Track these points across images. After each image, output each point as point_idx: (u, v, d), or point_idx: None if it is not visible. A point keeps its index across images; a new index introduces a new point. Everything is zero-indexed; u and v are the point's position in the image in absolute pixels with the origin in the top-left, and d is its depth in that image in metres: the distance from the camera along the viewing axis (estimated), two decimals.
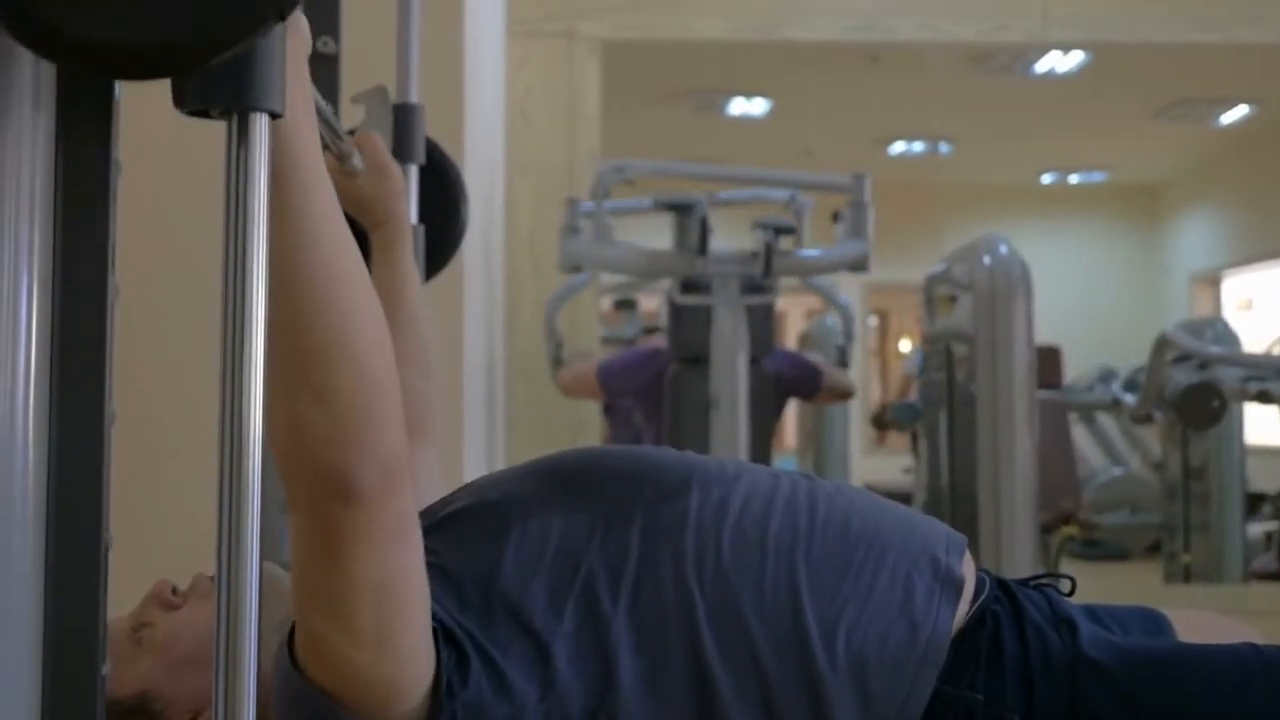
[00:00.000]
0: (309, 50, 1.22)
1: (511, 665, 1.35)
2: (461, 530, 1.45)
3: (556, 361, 5.50)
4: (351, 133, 2.03)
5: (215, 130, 0.89)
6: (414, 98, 2.16)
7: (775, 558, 1.41)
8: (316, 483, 1.15)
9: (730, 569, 1.40)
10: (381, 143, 1.91)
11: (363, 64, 2.09)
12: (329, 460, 1.17)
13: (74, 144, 0.86)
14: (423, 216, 2.13)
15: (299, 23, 1.16)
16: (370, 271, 1.89)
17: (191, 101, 0.84)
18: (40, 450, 0.84)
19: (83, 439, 0.88)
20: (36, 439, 0.84)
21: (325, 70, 1.96)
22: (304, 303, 1.16)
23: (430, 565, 1.35)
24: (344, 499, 1.19)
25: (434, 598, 1.33)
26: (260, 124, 0.87)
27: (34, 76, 0.83)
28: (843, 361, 5.98)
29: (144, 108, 1.09)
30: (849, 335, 6.05)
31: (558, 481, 1.50)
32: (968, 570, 1.48)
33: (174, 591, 1.50)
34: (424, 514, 1.52)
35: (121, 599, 1.13)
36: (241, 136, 0.87)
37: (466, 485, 1.57)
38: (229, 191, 0.87)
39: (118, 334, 0.91)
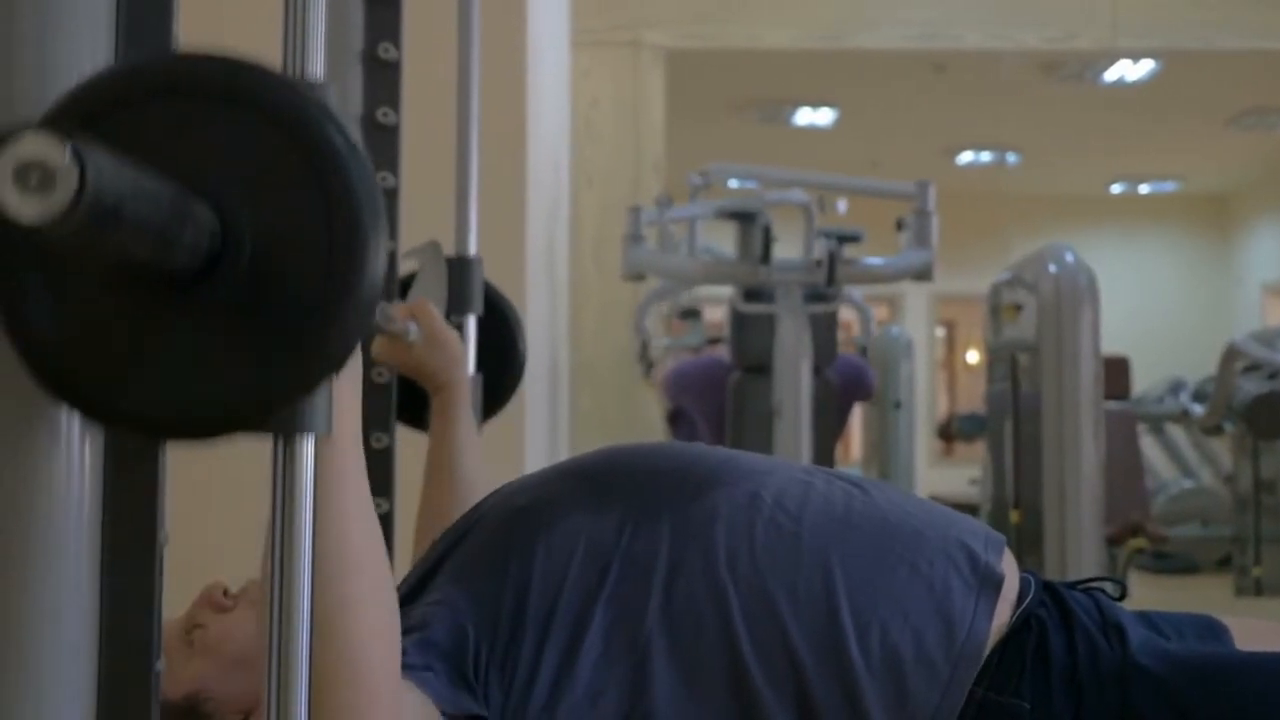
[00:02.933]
0: (359, 368, 1.22)
1: (541, 679, 1.35)
2: (491, 544, 1.45)
3: (642, 358, 5.66)
4: (406, 285, 2.03)
5: None
6: (472, 250, 2.12)
7: (809, 553, 1.40)
8: None
9: (763, 564, 1.39)
10: (436, 312, 1.90)
11: (423, 129, 2.07)
12: None
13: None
14: (481, 359, 2.08)
15: None
16: (429, 431, 1.91)
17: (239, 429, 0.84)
18: (96, 450, 0.86)
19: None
20: (93, 439, 0.85)
21: (386, 141, 1.96)
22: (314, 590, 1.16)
23: (464, 590, 1.37)
24: None
25: (465, 634, 1.34)
26: (306, 446, 0.87)
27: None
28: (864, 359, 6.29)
29: None
30: (868, 334, 6.46)
31: (585, 482, 1.50)
32: (1008, 569, 1.46)
33: (225, 593, 1.51)
34: (451, 529, 1.53)
35: (174, 601, 1.14)
36: (288, 456, 0.87)
37: (495, 491, 1.57)
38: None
39: None
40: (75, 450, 0.84)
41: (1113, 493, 4.71)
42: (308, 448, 0.87)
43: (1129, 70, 7.76)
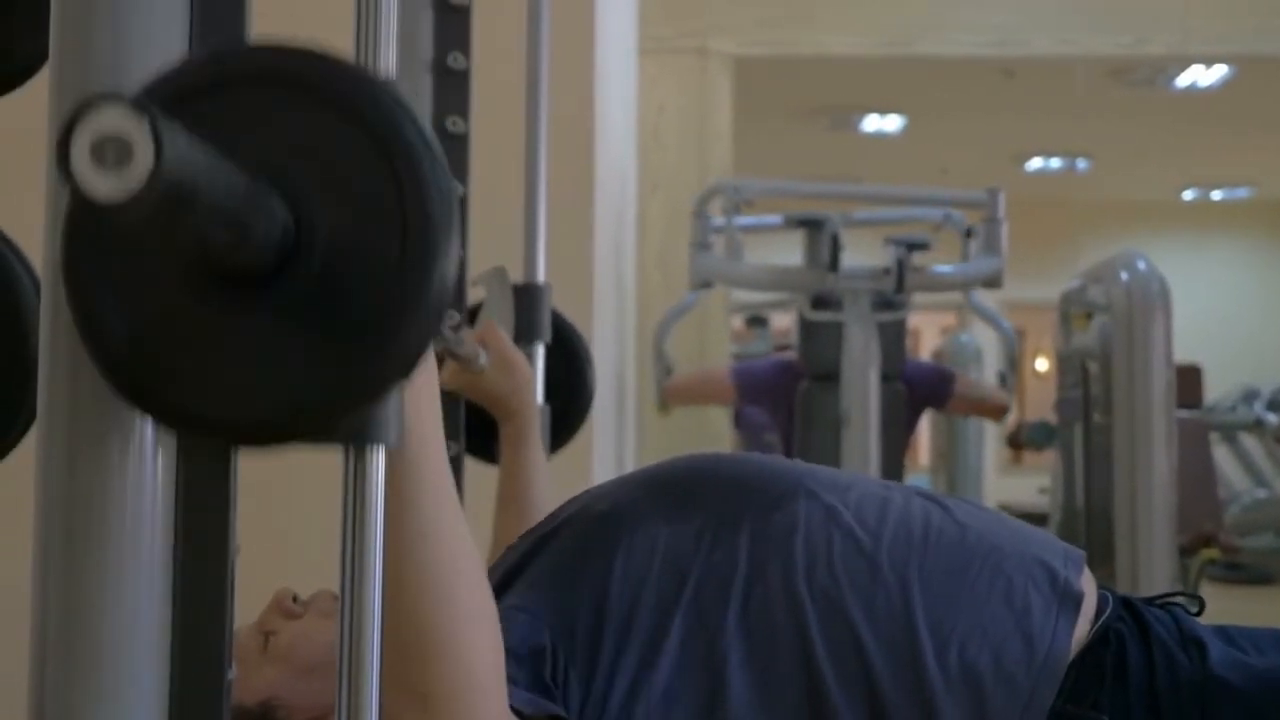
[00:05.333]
0: (434, 374, 1.22)
1: (618, 686, 1.35)
2: (571, 550, 1.45)
3: (661, 386, 5.32)
4: (474, 313, 2.02)
5: None
6: (540, 277, 2.10)
7: (888, 567, 1.40)
8: None
9: (841, 578, 1.38)
10: (504, 336, 1.89)
11: (490, 138, 2.07)
12: None
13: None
14: (549, 389, 2.07)
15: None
16: (499, 461, 1.90)
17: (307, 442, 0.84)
18: (169, 454, 0.86)
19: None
20: (165, 443, 0.86)
21: (455, 149, 1.97)
22: (410, 599, 1.15)
23: (544, 597, 1.37)
24: None
25: (543, 641, 1.34)
26: (376, 456, 0.87)
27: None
28: (1004, 388, 5.56)
29: None
30: (1011, 360, 5.62)
31: (664, 491, 1.50)
32: (1087, 585, 1.45)
33: (294, 599, 1.52)
34: (530, 533, 1.53)
35: (245, 608, 1.15)
36: (358, 467, 0.87)
37: (574, 498, 1.57)
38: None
39: None
40: (148, 454, 0.84)
41: (1185, 502, 4.66)
42: (378, 459, 0.87)
43: (1201, 76, 7.69)
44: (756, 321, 7.56)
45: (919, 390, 5.03)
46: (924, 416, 5.96)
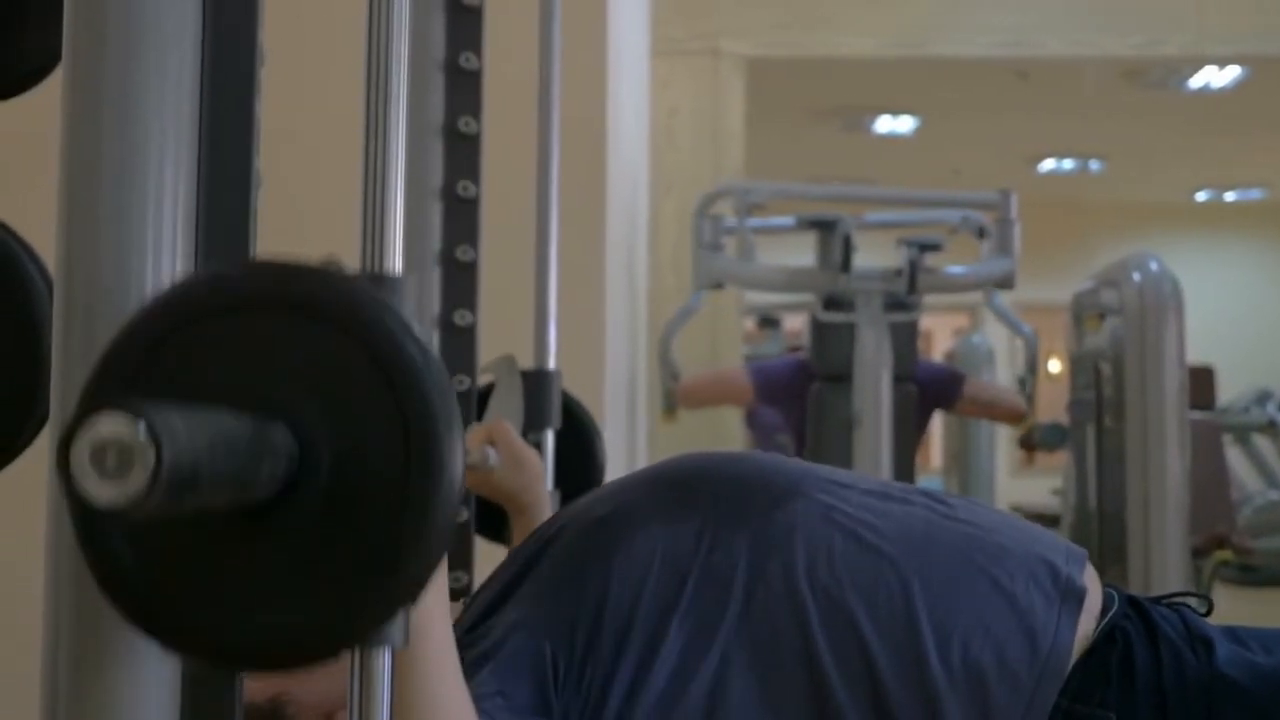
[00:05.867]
0: (444, 575, 1.24)
1: (617, 691, 1.35)
2: (570, 555, 1.45)
3: (668, 395, 5.19)
4: (483, 399, 2.00)
5: None
6: (551, 363, 2.07)
7: (889, 566, 1.40)
8: None
9: (843, 576, 1.38)
10: (514, 433, 1.88)
11: (501, 138, 2.07)
12: None
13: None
14: (559, 470, 2.04)
15: None
16: (508, 545, 1.90)
17: None
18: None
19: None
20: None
21: (467, 150, 1.97)
22: None
23: (543, 607, 1.38)
24: None
25: (542, 656, 1.35)
26: (382, 659, 0.87)
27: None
28: (1026, 396, 5.29)
29: None
30: (1032, 366, 5.35)
31: (664, 492, 1.50)
32: (1090, 582, 1.45)
33: None
34: (529, 539, 1.53)
35: None
36: (364, 668, 0.87)
37: (576, 502, 1.58)
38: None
39: None
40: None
41: (1197, 504, 4.65)
42: (384, 660, 0.87)
43: (1215, 77, 7.67)
44: (769, 323, 7.56)
45: (929, 390, 5.01)
46: (937, 418, 5.94)
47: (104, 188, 0.85)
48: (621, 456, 3.89)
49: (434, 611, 1.20)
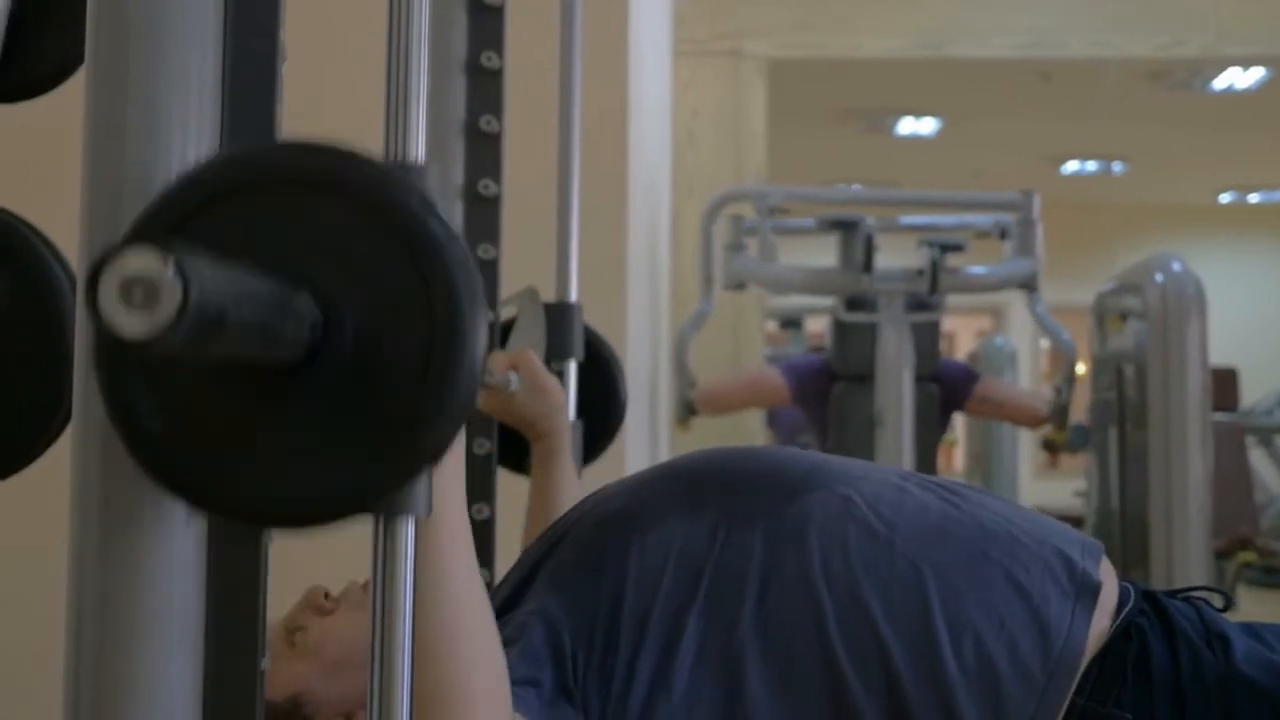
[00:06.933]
0: (461, 450, 1.24)
1: (638, 685, 1.35)
2: (585, 548, 1.45)
3: (686, 402, 5.06)
4: (505, 330, 2.03)
5: None
6: (573, 296, 2.10)
7: (903, 558, 1.39)
8: None
9: (858, 569, 1.38)
10: (536, 360, 1.90)
11: (524, 140, 2.08)
12: None
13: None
14: (582, 404, 2.07)
15: None
16: (530, 477, 1.91)
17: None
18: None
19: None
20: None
21: (489, 150, 1.97)
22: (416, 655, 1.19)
23: (560, 596, 1.38)
24: None
25: (562, 643, 1.35)
26: (405, 527, 0.89)
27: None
28: (1061, 404, 4.97)
29: None
30: (1069, 376, 4.99)
31: (678, 485, 1.50)
32: (1106, 576, 1.44)
33: (326, 596, 1.53)
34: (543, 536, 1.54)
35: (276, 605, 1.16)
36: (388, 536, 0.88)
37: (589, 496, 1.58)
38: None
39: None
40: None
41: (1220, 506, 4.64)
42: (408, 529, 0.89)
43: (1239, 78, 7.64)
44: (791, 324, 7.55)
45: (946, 388, 4.99)
46: (960, 419, 5.91)
47: (126, 188, 0.85)
48: (644, 460, 3.89)
49: (450, 496, 1.20)
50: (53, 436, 1.27)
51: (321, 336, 0.79)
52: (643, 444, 3.90)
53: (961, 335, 12.51)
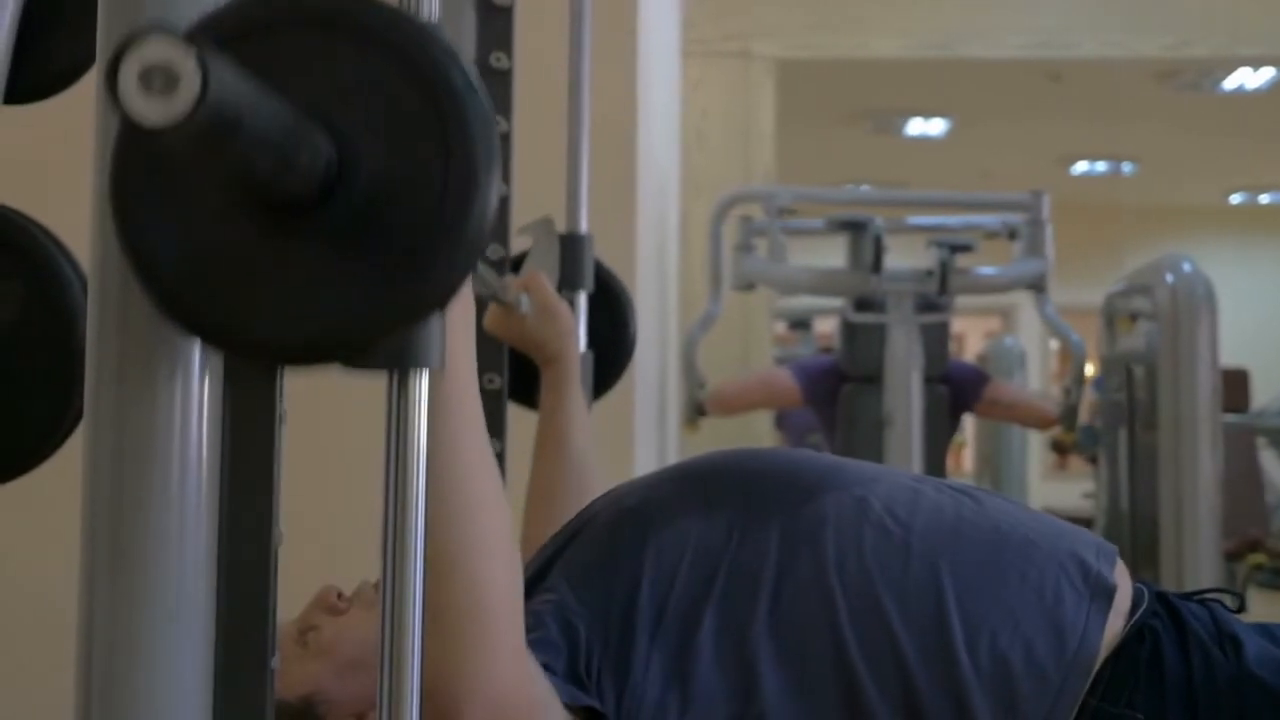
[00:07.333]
0: (472, 309, 1.24)
1: (652, 683, 1.35)
2: (600, 544, 1.46)
3: (695, 403, 5.04)
4: (519, 261, 2.05)
5: None
6: (583, 226, 2.16)
7: (919, 559, 1.39)
8: (425, 699, 1.10)
9: (873, 570, 1.38)
10: (548, 284, 1.92)
11: (534, 141, 2.10)
12: (436, 684, 1.15)
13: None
14: (592, 338, 2.12)
15: None
16: (539, 407, 1.92)
17: (354, 365, 0.86)
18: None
19: (254, 439, 0.91)
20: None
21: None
22: (430, 517, 1.18)
23: (575, 590, 1.38)
24: None
25: (577, 634, 1.35)
26: (419, 380, 0.89)
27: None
28: (1070, 406, 5.05)
29: None
30: (1078, 377, 5.03)
31: (694, 486, 1.50)
32: (1121, 579, 1.44)
33: (339, 596, 1.53)
34: (562, 530, 1.54)
35: (289, 605, 1.16)
36: (401, 390, 0.89)
37: (605, 494, 1.58)
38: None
39: None
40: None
41: (1231, 508, 4.62)
42: (421, 383, 0.89)
43: (1249, 78, 7.63)
44: (800, 325, 7.54)
45: (955, 390, 4.99)
46: (969, 421, 5.90)
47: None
48: (652, 461, 3.89)
49: (462, 364, 1.20)
50: (63, 437, 1.28)
51: (336, 175, 0.80)
52: (651, 445, 3.89)
53: (970, 336, 12.50)
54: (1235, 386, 7.11)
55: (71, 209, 1.12)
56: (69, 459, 1.00)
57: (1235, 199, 11.60)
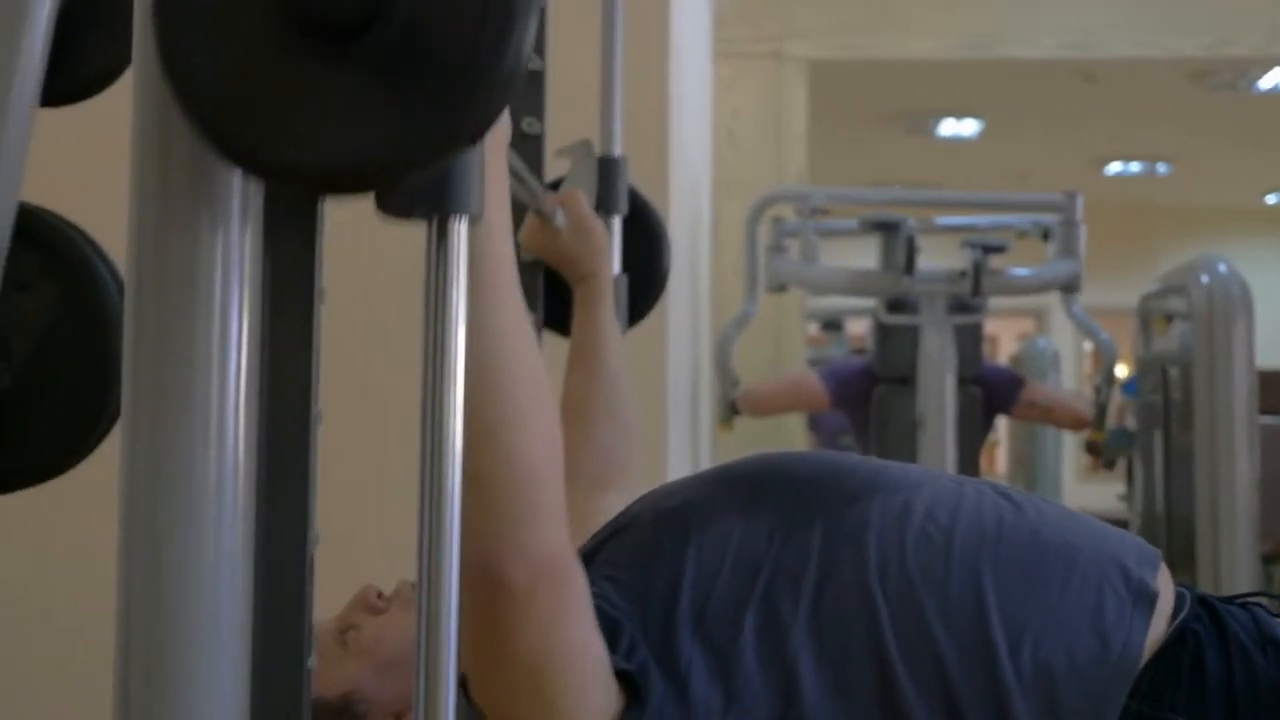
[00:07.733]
0: (508, 137, 1.24)
1: (695, 681, 1.35)
2: (642, 542, 1.45)
3: (729, 402, 5.06)
4: (556, 185, 2.06)
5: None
6: (617, 150, 2.19)
7: (960, 564, 1.39)
8: (467, 569, 1.07)
9: (914, 574, 1.38)
10: (584, 200, 1.93)
11: (568, 97, 2.11)
12: (479, 550, 1.16)
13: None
14: (626, 265, 2.15)
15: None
16: (572, 325, 1.92)
17: (392, 209, 0.87)
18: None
19: (292, 443, 0.91)
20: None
21: (529, 149, 2.00)
22: (471, 387, 1.18)
23: (616, 585, 1.38)
24: (492, 592, 1.21)
25: (619, 626, 1.35)
26: (459, 227, 0.90)
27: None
28: (1100, 404, 5.06)
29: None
30: (1108, 375, 5.07)
31: (737, 487, 1.50)
32: (1163, 584, 1.43)
33: (379, 596, 1.53)
34: (603, 528, 1.54)
35: (327, 605, 1.16)
36: (441, 239, 0.89)
37: (645, 495, 1.58)
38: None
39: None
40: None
41: (1268, 510, 4.59)
42: (460, 229, 0.90)
43: None
44: (832, 326, 7.53)
45: (990, 392, 4.98)
46: (1001, 422, 5.88)
47: (173, 194, 0.86)
48: (685, 460, 3.89)
49: (496, 230, 1.19)
50: (100, 437, 1.28)
51: (375, 7, 0.81)
52: (684, 444, 3.89)
53: (1003, 337, 12.45)
54: (1272, 387, 7.06)
55: (108, 211, 1.12)
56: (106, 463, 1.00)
57: (1271, 199, 11.53)
